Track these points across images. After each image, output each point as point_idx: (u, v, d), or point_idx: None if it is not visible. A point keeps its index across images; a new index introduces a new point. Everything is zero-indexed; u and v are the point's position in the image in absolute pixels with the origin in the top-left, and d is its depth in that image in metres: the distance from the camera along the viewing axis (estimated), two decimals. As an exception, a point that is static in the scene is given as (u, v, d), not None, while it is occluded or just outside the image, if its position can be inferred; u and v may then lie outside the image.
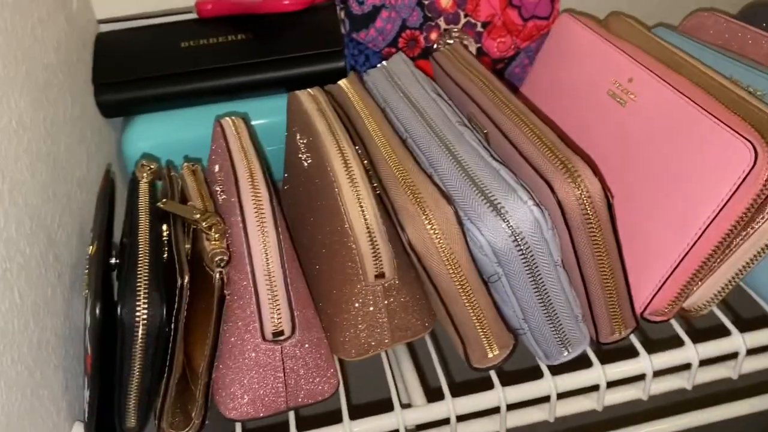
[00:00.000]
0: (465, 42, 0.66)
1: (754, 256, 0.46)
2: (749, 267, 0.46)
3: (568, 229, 0.42)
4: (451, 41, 0.64)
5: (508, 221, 0.40)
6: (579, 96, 0.55)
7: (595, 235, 0.42)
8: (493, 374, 0.47)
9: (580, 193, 0.40)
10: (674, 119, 0.46)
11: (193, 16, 0.66)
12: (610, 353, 0.47)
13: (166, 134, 0.61)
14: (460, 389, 0.47)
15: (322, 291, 0.48)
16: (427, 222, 0.40)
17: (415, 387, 0.47)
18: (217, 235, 0.40)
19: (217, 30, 0.64)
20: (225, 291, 0.39)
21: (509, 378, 0.47)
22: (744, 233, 0.45)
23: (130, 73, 0.61)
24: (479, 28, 0.66)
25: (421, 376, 0.49)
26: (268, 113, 0.62)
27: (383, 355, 0.48)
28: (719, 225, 0.42)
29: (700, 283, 0.47)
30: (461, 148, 0.45)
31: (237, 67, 0.62)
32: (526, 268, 0.41)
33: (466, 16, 0.65)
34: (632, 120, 0.49)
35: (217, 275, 0.39)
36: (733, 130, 0.42)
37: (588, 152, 0.52)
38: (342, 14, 0.64)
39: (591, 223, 0.41)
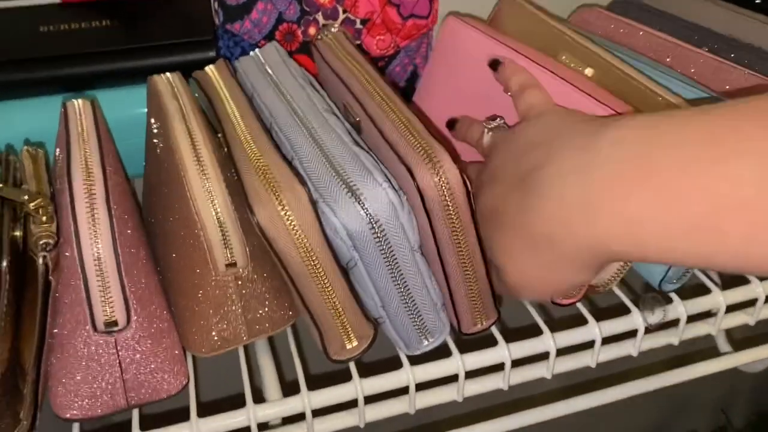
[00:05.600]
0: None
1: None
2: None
3: (427, 215, 0.41)
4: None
5: (362, 203, 0.39)
6: (480, 99, 0.54)
7: (453, 222, 0.41)
8: (352, 366, 0.45)
9: (439, 180, 0.40)
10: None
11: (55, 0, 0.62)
12: (470, 342, 0.47)
13: (22, 122, 0.57)
14: (319, 381, 0.45)
15: (175, 282, 0.45)
16: (278, 203, 0.38)
17: (271, 380, 0.45)
18: (44, 218, 0.37)
19: (80, 15, 0.60)
20: (50, 277, 0.36)
21: (368, 369, 0.45)
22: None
23: (-16, 57, 0.56)
24: (358, 25, 0.65)
25: (280, 368, 0.47)
26: (135, 104, 0.59)
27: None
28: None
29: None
30: (323, 132, 0.44)
31: (100, 54, 0.58)
32: (382, 251, 0.41)
33: (344, 12, 0.64)
34: None
35: (41, 260, 0.35)
36: (612, 109, 0.42)
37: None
38: (215, 4, 0.62)
39: (449, 209, 0.41)
